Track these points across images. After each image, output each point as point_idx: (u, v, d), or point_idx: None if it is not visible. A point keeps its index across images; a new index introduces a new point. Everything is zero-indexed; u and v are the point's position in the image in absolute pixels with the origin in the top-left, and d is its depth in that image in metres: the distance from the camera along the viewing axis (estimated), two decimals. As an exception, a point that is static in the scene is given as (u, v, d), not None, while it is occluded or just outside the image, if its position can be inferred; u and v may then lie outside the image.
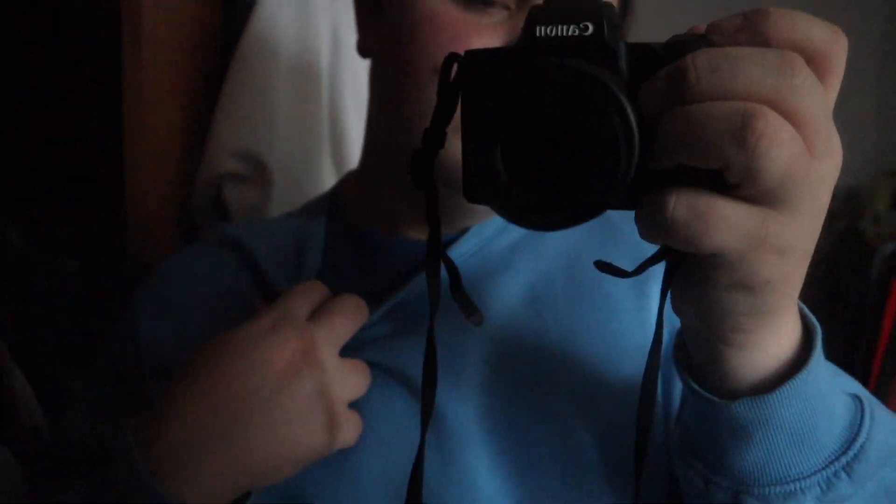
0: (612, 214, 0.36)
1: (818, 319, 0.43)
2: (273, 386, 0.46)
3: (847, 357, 3.13)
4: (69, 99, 0.84)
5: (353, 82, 1.02)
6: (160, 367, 0.55)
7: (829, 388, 0.42)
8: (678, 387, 0.52)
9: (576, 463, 0.52)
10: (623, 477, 0.52)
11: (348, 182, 0.66)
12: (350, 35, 1.02)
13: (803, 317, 0.43)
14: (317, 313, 0.50)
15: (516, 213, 0.35)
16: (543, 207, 0.35)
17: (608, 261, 0.39)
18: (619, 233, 0.39)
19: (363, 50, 0.61)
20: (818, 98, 0.33)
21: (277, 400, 0.46)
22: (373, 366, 0.52)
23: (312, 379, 0.47)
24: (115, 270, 0.79)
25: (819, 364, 0.41)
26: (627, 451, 0.43)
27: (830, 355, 0.49)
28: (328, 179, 0.95)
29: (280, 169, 0.86)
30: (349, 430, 0.49)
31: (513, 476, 0.52)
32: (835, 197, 0.36)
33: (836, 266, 3.57)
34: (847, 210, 3.69)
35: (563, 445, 0.53)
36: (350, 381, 0.50)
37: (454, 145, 0.40)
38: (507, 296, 0.57)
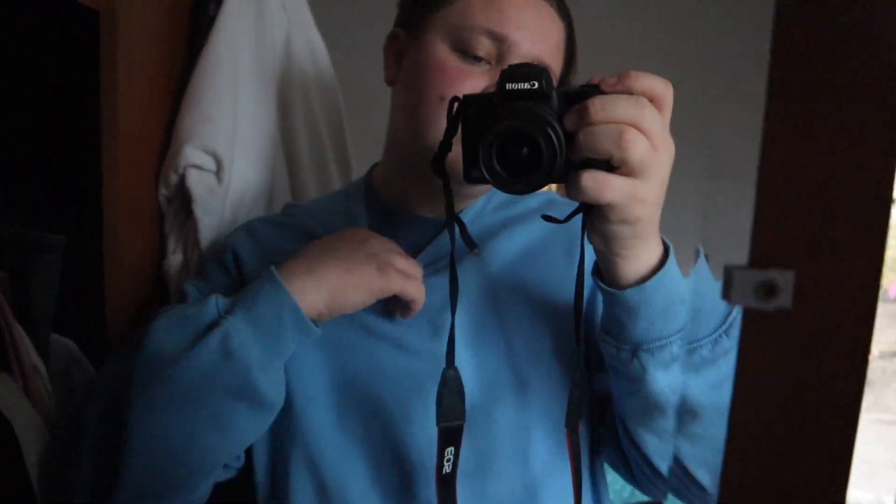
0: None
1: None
2: (349, 247, 0.77)
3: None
4: (54, 100, 0.96)
5: (301, 87, 1.15)
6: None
7: (680, 282, 0.68)
8: (601, 301, 0.77)
9: (535, 349, 0.82)
10: (568, 359, 0.82)
11: (376, 171, 0.95)
12: (300, 44, 1.15)
13: (664, 243, 0.69)
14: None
15: (503, 186, 0.62)
16: (518, 182, 0.62)
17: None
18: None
19: (389, 80, 0.90)
20: (657, 121, 0.61)
21: (350, 255, 0.76)
22: None
23: (373, 247, 0.77)
24: (94, 247, 0.92)
25: (672, 267, 0.67)
26: (571, 341, 0.75)
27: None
28: (279, 170, 1.08)
29: (235, 161, 0.98)
30: (395, 279, 0.76)
31: (486, 359, 0.81)
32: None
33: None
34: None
35: (528, 339, 0.82)
36: (398, 259, 0.78)
37: (457, 152, 0.69)
38: (496, 251, 0.86)
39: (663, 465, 0.76)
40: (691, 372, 0.68)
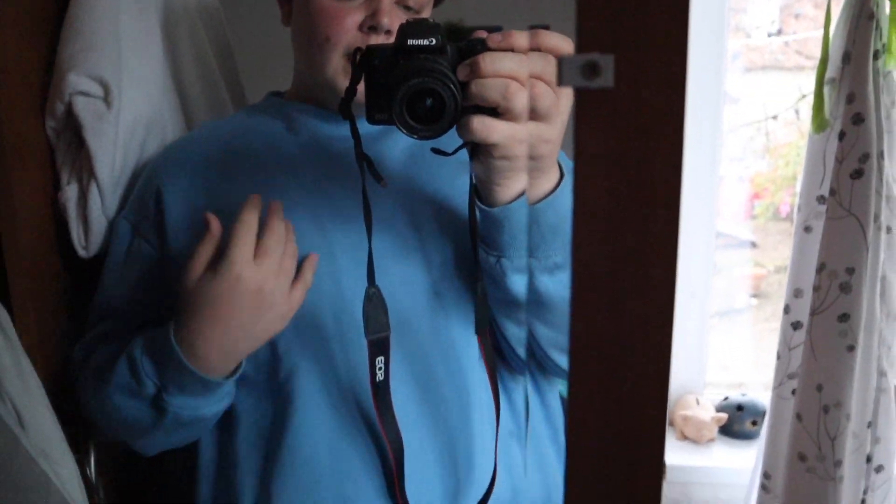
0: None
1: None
2: (248, 317, 0.81)
3: None
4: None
5: (184, 13, 1.14)
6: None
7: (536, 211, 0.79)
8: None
9: (448, 259, 0.91)
10: (466, 260, 0.89)
11: (288, 93, 1.03)
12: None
13: (561, 171, 0.80)
14: (260, 251, 0.81)
15: (413, 133, 0.73)
16: (422, 128, 0.72)
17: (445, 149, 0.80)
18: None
19: (284, 21, 0.97)
20: (539, 72, 0.71)
21: (253, 319, 0.82)
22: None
23: (270, 305, 0.82)
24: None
25: (561, 194, 0.78)
26: (467, 245, 0.86)
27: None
28: (170, 97, 1.08)
29: (124, 88, 0.97)
30: (295, 305, 0.84)
31: (408, 272, 0.90)
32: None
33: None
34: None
35: (441, 249, 0.91)
36: (285, 282, 0.83)
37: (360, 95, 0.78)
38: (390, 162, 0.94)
39: (522, 349, 0.90)
40: (546, 273, 0.81)
